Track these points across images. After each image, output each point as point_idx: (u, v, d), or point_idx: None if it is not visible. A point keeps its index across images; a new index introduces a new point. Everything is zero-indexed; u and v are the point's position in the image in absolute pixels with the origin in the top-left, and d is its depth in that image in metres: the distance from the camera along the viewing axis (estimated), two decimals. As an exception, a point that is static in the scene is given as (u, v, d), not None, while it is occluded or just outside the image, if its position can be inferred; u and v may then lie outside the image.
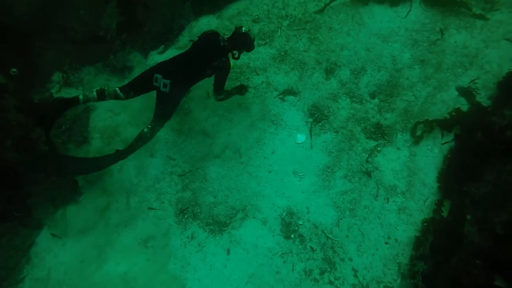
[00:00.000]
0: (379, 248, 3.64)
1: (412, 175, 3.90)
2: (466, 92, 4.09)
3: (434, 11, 4.57)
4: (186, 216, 4.00)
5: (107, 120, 4.49)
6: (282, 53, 4.73)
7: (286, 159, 4.15)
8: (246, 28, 3.78)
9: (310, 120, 4.34)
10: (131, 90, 3.60)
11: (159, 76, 3.47)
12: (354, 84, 4.46)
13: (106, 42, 4.75)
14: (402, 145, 4.07)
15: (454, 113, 3.96)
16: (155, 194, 4.13)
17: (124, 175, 4.18)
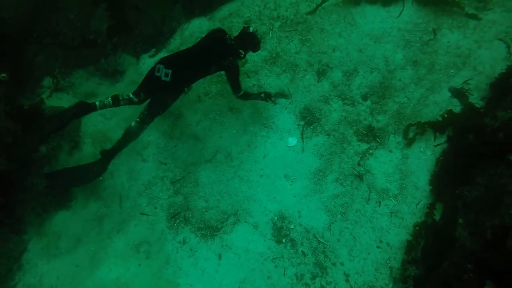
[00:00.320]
0: (371, 252, 3.62)
1: (404, 178, 3.87)
2: (459, 93, 4.05)
3: (427, 11, 4.53)
4: (177, 221, 3.98)
5: (99, 124, 4.48)
6: (274, 55, 4.69)
7: (278, 163, 4.12)
8: (253, 28, 3.76)
9: (302, 123, 4.31)
10: (141, 92, 3.57)
11: (161, 66, 3.43)
12: (346, 86, 4.42)
13: (97, 46, 4.73)
14: (394, 147, 4.04)
15: (446, 114, 3.92)
16: (147, 199, 4.11)
17: (116, 180, 4.17)
